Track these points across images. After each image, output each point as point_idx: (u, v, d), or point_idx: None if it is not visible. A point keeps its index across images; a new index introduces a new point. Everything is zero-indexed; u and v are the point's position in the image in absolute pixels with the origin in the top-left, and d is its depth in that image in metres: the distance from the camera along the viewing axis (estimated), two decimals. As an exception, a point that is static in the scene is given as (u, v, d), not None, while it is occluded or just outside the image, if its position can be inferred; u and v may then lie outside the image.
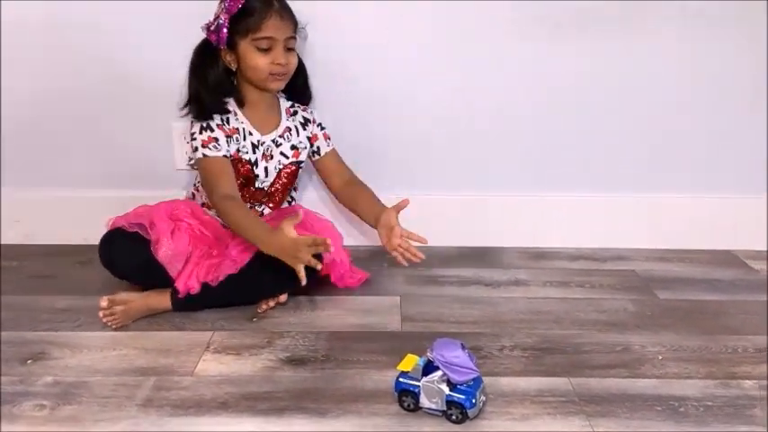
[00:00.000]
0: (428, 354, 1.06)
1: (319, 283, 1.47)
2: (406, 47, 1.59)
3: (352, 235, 1.69)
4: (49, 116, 1.63)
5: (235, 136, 1.38)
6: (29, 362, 1.18)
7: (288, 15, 1.34)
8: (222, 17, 1.31)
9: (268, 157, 1.43)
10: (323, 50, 1.56)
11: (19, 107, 1.62)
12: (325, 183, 1.55)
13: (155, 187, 1.60)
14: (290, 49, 1.36)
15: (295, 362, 1.20)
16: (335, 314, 1.38)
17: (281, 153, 1.44)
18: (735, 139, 1.65)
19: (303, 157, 1.48)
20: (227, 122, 1.38)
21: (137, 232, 1.35)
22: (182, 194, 1.55)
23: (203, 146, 1.34)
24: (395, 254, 1.38)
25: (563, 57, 1.59)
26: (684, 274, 1.59)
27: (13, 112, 1.62)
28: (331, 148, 1.52)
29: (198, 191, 1.48)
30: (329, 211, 1.67)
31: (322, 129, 1.51)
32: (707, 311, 1.40)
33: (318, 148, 1.50)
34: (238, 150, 1.39)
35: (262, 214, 1.48)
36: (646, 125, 1.65)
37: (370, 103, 1.63)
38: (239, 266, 1.32)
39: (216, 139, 1.35)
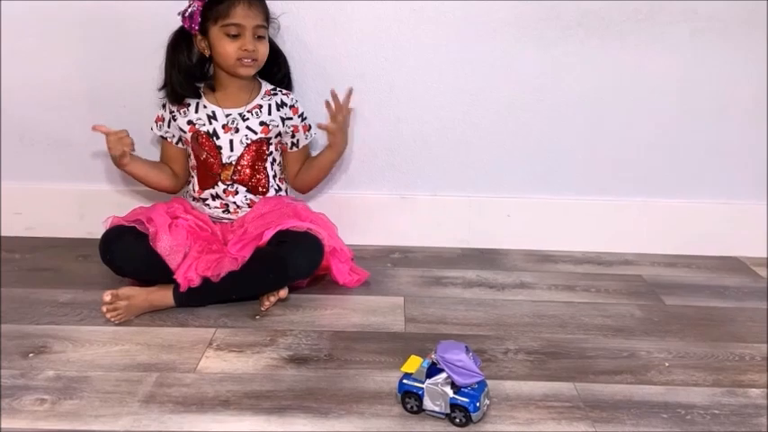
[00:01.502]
0: (432, 355, 1.05)
1: (321, 281, 1.48)
2: (412, 48, 1.58)
3: (355, 235, 1.67)
4: (52, 109, 1.62)
5: (183, 110, 1.45)
6: (30, 355, 1.17)
7: (257, 4, 1.38)
8: (195, 4, 1.37)
9: (232, 129, 1.44)
10: (328, 49, 1.56)
11: (21, 100, 1.61)
12: (287, 171, 1.56)
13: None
14: (260, 38, 1.39)
15: (298, 361, 1.19)
16: (338, 313, 1.37)
17: (248, 128, 1.45)
18: (742, 145, 1.64)
19: (272, 134, 1.47)
20: (182, 100, 1.45)
21: (134, 227, 1.37)
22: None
23: (155, 121, 1.49)
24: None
25: (570, 60, 1.58)
26: (691, 280, 1.58)
27: (16, 104, 1.62)
28: (308, 140, 1.53)
29: (192, 190, 1.51)
30: (327, 206, 1.64)
31: (303, 120, 1.51)
32: (714, 318, 1.39)
33: (297, 140, 1.52)
34: (192, 123, 1.44)
35: (237, 194, 1.47)
36: (653, 130, 1.64)
37: (375, 103, 1.62)
38: (240, 263, 1.32)
39: (162, 119, 1.48)
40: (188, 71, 1.43)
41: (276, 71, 1.50)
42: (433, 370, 1.04)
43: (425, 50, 1.58)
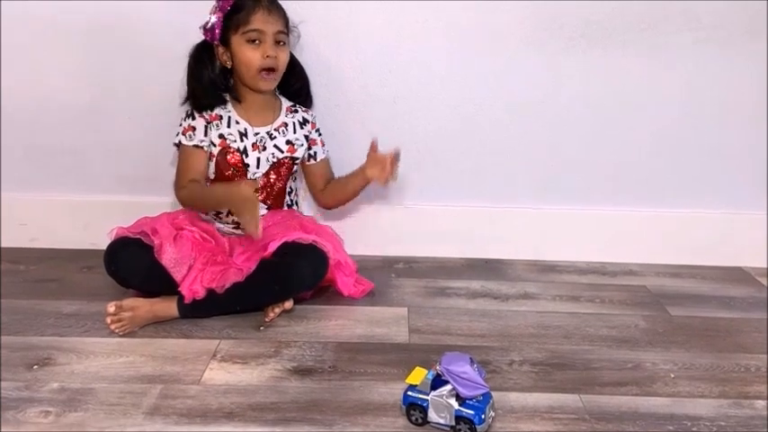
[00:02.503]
0: (437, 367, 1.05)
1: (325, 292, 1.48)
2: (415, 58, 1.58)
3: (359, 245, 1.67)
4: (56, 120, 1.63)
5: (215, 122, 1.43)
6: (35, 367, 1.17)
7: (276, 11, 1.39)
8: (216, 15, 1.37)
9: (260, 147, 1.45)
10: (334, 59, 1.57)
11: (26, 110, 1.62)
12: (310, 185, 1.58)
13: (162, 193, 1.59)
14: (280, 44, 1.39)
15: (302, 372, 1.19)
16: (342, 324, 1.37)
17: (275, 146, 1.46)
18: (746, 155, 1.64)
19: (299, 153, 1.49)
20: (212, 109, 1.44)
21: (140, 239, 1.36)
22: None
23: (183, 133, 1.44)
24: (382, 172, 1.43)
25: (573, 70, 1.58)
26: (696, 290, 1.57)
27: (20, 114, 1.62)
28: (325, 155, 1.55)
29: None
30: (330, 218, 1.64)
31: (320, 134, 1.54)
32: (719, 329, 1.39)
33: (315, 153, 1.53)
34: (224, 137, 1.43)
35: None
36: (656, 140, 1.64)
37: (378, 113, 1.62)
38: (246, 274, 1.32)
39: (193, 129, 1.43)
40: (212, 83, 1.42)
41: (293, 82, 1.50)
42: (437, 382, 1.04)
43: (429, 61, 1.59)
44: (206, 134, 1.43)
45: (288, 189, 1.52)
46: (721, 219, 1.68)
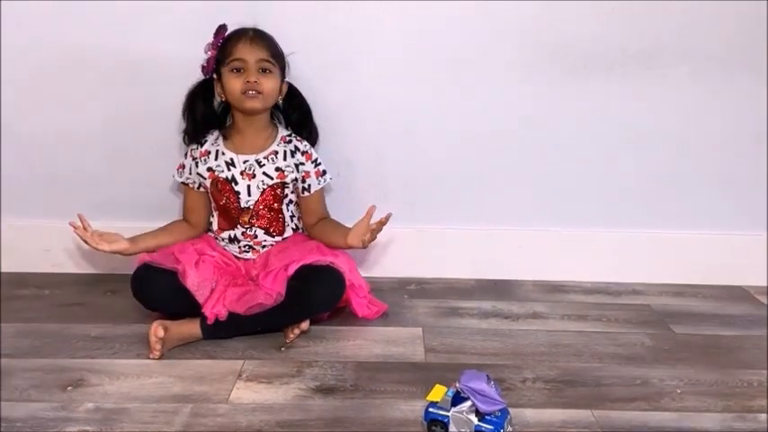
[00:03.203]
0: (456, 384, 1.10)
1: (341, 313, 1.53)
2: (421, 83, 1.65)
3: (371, 267, 1.74)
4: (78, 147, 1.69)
5: (203, 158, 1.52)
6: (69, 388, 1.22)
7: (261, 41, 1.45)
8: (210, 52, 1.47)
9: (250, 175, 1.50)
10: (343, 93, 1.63)
11: (49, 138, 1.68)
12: (303, 217, 1.59)
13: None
14: (265, 72, 1.45)
15: (325, 391, 1.24)
16: (360, 344, 1.42)
17: (264, 173, 1.50)
18: (744, 178, 1.71)
19: (289, 179, 1.52)
20: (202, 146, 1.53)
21: (164, 265, 1.42)
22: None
23: (177, 169, 1.57)
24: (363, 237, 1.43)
25: (576, 99, 1.65)
26: (698, 309, 1.63)
27: (42, 144, 1.68)
28: (321, 186, 1.56)
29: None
30: None
31: (316, 166, 1.54)
32: (722, 346, 1.44)
33: (309, 185, 1.54)
34: (212, 170, 1.51)
35: (256, 238, 1.52)
36: (657, 165, 1.71)
37: (390, 142, 1.69)
38: (276, 299, 1.37)
39: (183, 166, 1.56)
40: (205, 118, 1.51)
41: (291, 112, 1.56)
42: (457, 398, 1.09)
43: (438, 91, 1.65)
44: (191, 172, 1.53)
45: (290, 214, 1.55)
46: (721, 239, 1.74)
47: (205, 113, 1.51)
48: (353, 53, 1.62)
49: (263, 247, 1.53)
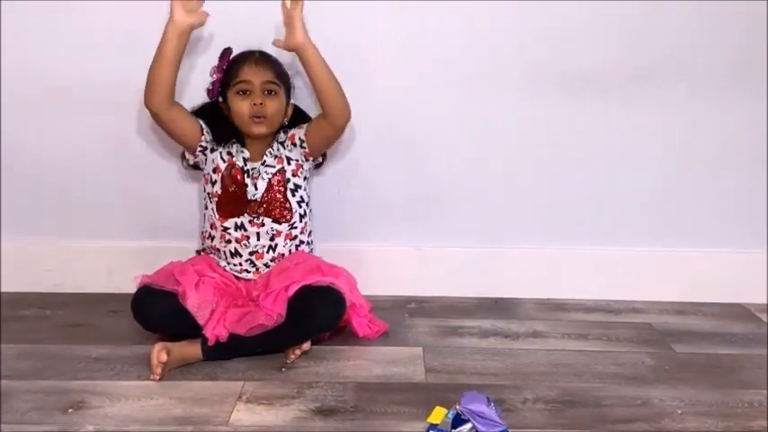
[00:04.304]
0: (456, 407, 1.11)
1: (341, 333, 1.53)
2: (421, 101, 1.67)
3: (371, 286, 1.73)
4: (81, 169, 1.71)
5: (227, 145, 1.53)
6: (69, 411, 1.22)
7: (266, 63, 1.47)
8: (215, 75, 1.49)
9: (256, 177, 1.52)
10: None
11: (51, 159, 1.70)
12: (325, 127, 1.51)
13: (182, 238, 1.67)
14: (270, 93, 1.47)
15: (325, 413, 1.24)
16: (360, 365, 1.42)
17: (266, 165, 1.52)
18: (744, 196, 1.72)
19: (285, 162, 1.53)
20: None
21: (164, 287, 1.43)
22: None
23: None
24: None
25: (573, 118, 1.68)
26: (699, 327, 1.63)
27: (46, 164, 1.70)
28: (306, 125, 1.53)
29: (205, 237, 1.57)
30: (343, 259, 1.69)
31: (298, 127, 1.54)
32: (722, 365, 1.44)
33: (299, 137, 1.52)
34: (231, 155, 1.52)
35: (263, 226, 1.52)
36: (657, 182, 1.72)
37: (390, 160, 1.71)
38: (276, 320, 1.38)
39: (208, 132, 1.52)
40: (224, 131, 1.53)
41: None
42: (457, 421, 1.10)
43: (439, 110, 1.67)
44: (217, 145, 1.52)
45: (298, 199, 1.54)
46: (721, 257, 1.75)
47: (219, 127, 1.52)
48: (354, 73, 1.62)
49: (271, 240, 1.52)
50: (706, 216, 1.74)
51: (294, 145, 1.53)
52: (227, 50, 1.49)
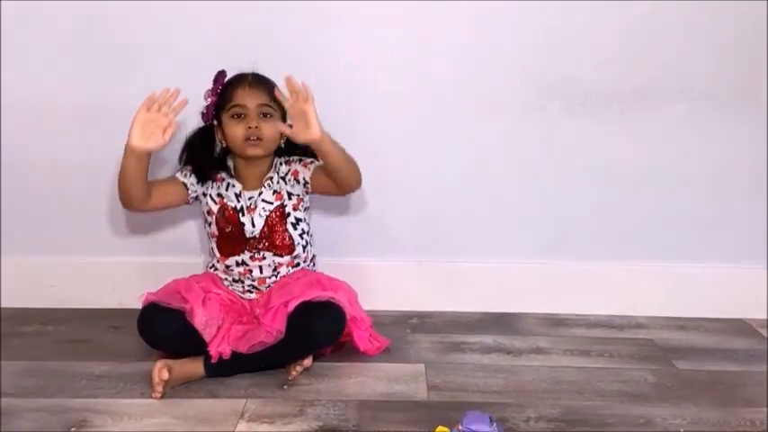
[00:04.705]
0: (459, 427, 1.11)
1: (343, 347, 1.53)
2: (422, 119, 1.68)
3: (374, 300, 1.73)
4: (83, 183, 1.71)
5: (217, 183, 1.53)
6: (72, 429, 1.22)
7: (260, 86, 1.46)
8: (209, 99, 1.48)
9: (252, 209, 1.51)
10: (344, 128, 1.62)
11: (54, 175, 1.70)
12: (333, 188, 1.49)
13: (184, 254, 1.68)
14: (265, 116, 1.46)
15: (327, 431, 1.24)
16: (362, 382, 1.42)
17: (264, 200, 1.51)
18: (744, 212, 1.72)
19: (285, 198, 1.52)
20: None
21: (170, 305, 1.43)
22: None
23: (181, 170, 1.53)
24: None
25: (574, 136, 1.68)
26: (701, 343, 1.63)
27: (49, 179, 1.71)
28: (315, 165, 1.51)
29: (210, 255, 1.57)
30: (345, 274, 1.66)
31: (301, 160, 1.53)
32: (724, 382, 1.44)
33: (304, 178, 1.51)
34: (222, 196, 1.51)
35: (265, 260, 1.51)
36: (658, 199, 1.72)
37: (391, 177, 1.71)
38: (276, 337, 1.38)
39: (191, 172, 1.51)
40: (206, 162, 1.52)
41: (295, 149, 1.55)
42: (460, 441, 1.09)
43: (440, 127, 1.68)
44: (197, 183, 1.51)
45: (300, 231, 1.54)
46: (722, 272, 1.75)
47: (205, 159, 1.52)
48: (353, 92, 1.65)
49: (274, 271, 1.52)
50: (707, 232, 1.74)
51: (297, 182, 1.53)
52: (222, 73, 1.48)
